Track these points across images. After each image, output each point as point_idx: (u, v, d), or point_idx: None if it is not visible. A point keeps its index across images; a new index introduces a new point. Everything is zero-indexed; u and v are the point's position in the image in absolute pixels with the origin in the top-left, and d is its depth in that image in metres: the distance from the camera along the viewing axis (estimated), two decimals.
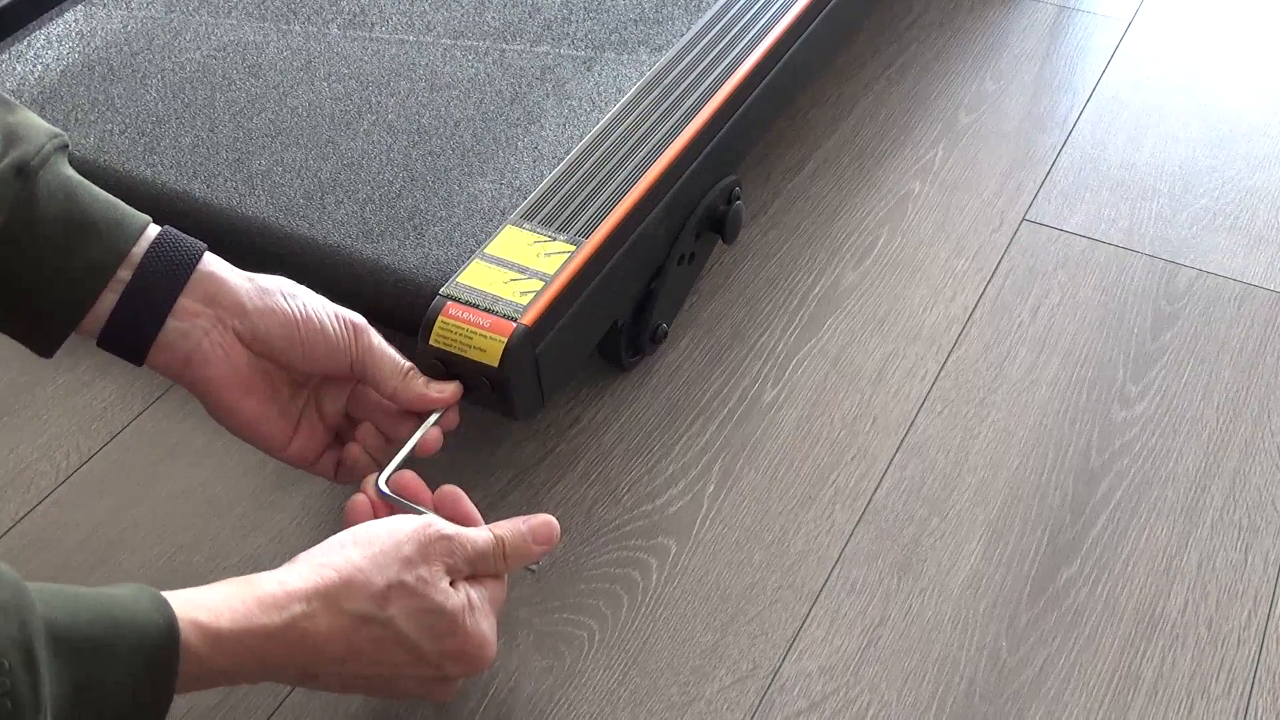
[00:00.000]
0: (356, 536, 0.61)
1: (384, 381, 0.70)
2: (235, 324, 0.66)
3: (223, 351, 0.65)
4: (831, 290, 0.98)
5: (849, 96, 1.18)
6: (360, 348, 0.69)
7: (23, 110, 0.64)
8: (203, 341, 0.65)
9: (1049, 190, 1.07)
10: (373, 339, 0.70)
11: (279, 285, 0.68)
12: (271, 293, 0.67)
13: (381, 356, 0.70)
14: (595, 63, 0.94)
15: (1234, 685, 0.73)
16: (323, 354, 0.68)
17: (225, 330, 0.65)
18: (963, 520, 0.82)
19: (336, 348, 0.68)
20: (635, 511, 0.83)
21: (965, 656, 0.75)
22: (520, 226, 0.79)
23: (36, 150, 0.62)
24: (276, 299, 0.67)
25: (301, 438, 0.71)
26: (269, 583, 0.58)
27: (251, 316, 0.66)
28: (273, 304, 0.66)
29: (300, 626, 0.57)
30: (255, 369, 0.68)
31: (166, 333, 0.64)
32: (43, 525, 0.84)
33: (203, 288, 0.65)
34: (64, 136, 0.64)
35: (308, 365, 0.68)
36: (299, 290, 0.68)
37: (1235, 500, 0.82)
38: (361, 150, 0.87)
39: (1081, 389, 0.90)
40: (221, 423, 0.69)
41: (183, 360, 0.65)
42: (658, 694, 0.74)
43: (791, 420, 0.89)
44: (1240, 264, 0.99)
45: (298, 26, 0.99)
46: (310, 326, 0.67)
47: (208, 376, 0.66)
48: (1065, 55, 1.22)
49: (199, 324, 0.65)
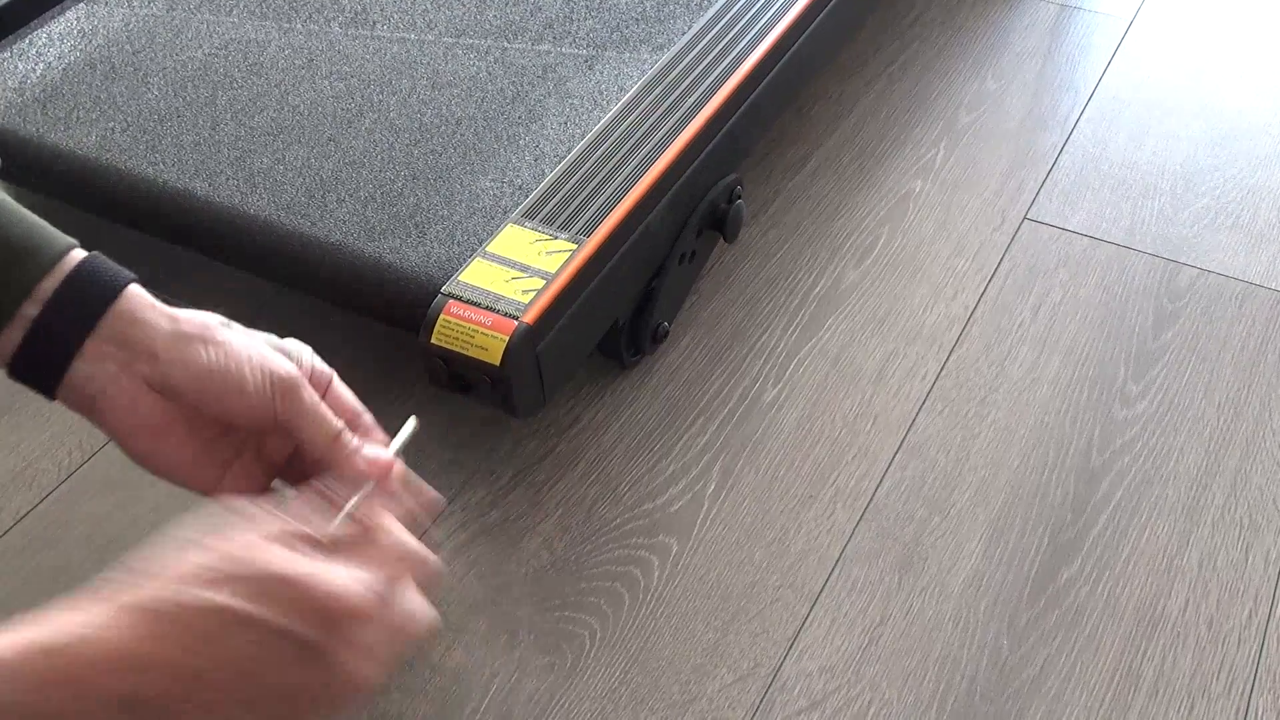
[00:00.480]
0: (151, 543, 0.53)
1: (310, 446, 0.63)
2: (144, 369, 0.61)
3: (129, 399, 0.61)
4: (832, 289, 0.98)
5: (850, 94, 1.18)
6: (285, 407, 0.63)
7: None
8: (108, 387, 0.61)
9: (1050, 189, 1.07)
10: (301, 397, 0.63)
11: (203, 330, 0.62)
12: (190, 339, 0.62)
13: (311, 418, 0.63)
14: (597, 61, 0.94)
15: (1234, 684, 0.73)
16: (240, 411, 0.62)
17: (133, 376, 0.61)
18: (963, 519, 0.82)
19: (255, 406, 0.62)
20: (636, 510, 0.83)
21: (966, 655, 0.75)
22: (522, 225, 0.79)
23: None
24: (194, 346, 0.61)
25: (234, 480, 0.66)
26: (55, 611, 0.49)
27: (162, 364, 0.61)
28: (186, 353, 0.61)
29: (93, 641, 0.47)
30: (169, 413, 0.62)
31: (73, 374, 0.60)
32: (45, 523, 0.84)
33: (115, 328, 0.61)
34: None
35: (225, 418, 0.63)
36: (227, 337, 0.63)
37: (1236, 499, 0.82)
38: (363, 148, 0.87)
39: (1082, 388, 0.90)
40: (138, 464, 0.64)
41: (88, 403, 0.61)
42: (659, 692, 0.74)
43: (792, 420, 0.89)
44: (1241, 263, 0.99)
45: (299, 25, 0.99)
46: (226, 381, 0.61)
47: (114, 422, 0.61)
48: (1067, 54, 1.22)
49: (106, 368, 0.60)
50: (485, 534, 0.82)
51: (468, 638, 0.76)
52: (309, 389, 0.64)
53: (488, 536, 0.82)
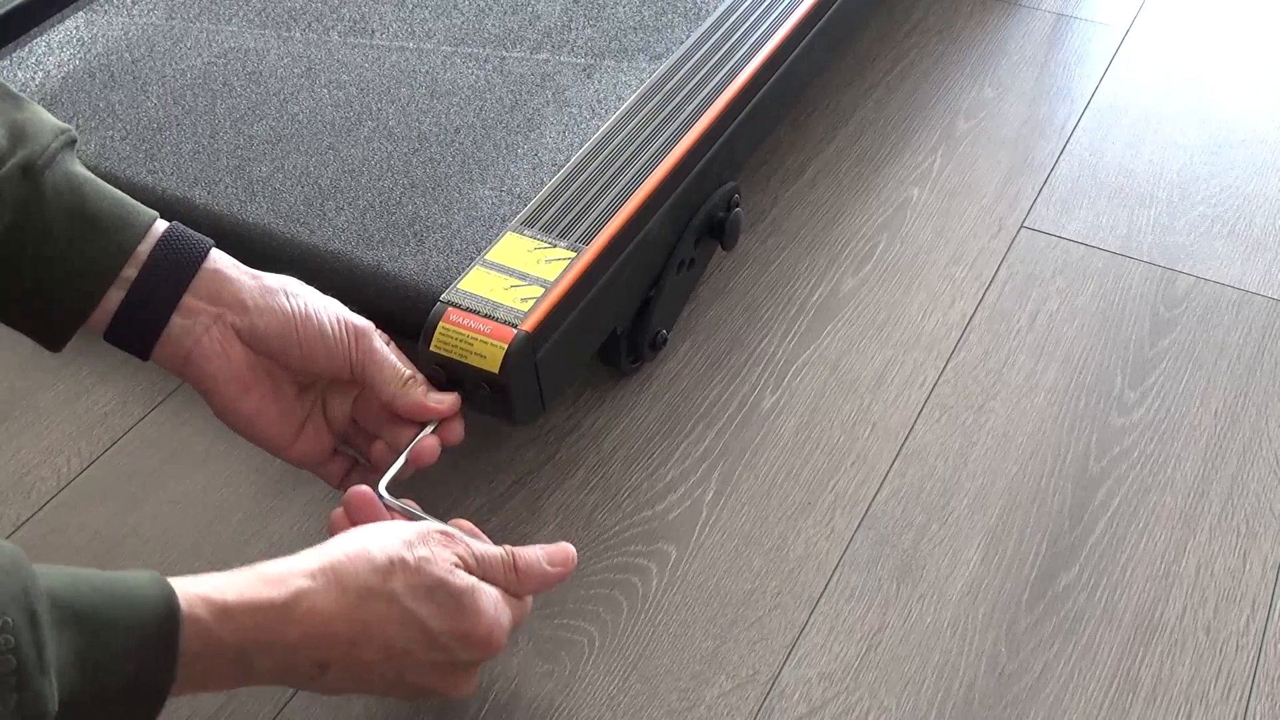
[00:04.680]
0: (359, 529, 0.63)
1: (382, 387, 0.70)
2: (235, 320, 0.66)
3: (221, 348, 0.66)
4: (830, 297, 0.99)
5: (848, 103, 1.18)
6: (360, 352, 0.69)
7: (31, 106, 0.65)
8: (203, 338, 0.66)
9: (1047, 197, 1.07)
10: (374, 344, 0.70)
11: (283, 284, 0.68)
12: (274, 291, 0.67)
13: (382, 363, 0.70)
14: (595, 70, 0.94)
15: (1232, 691, 0.73)
16: (321, 355, 0.68)
17: (225, 327, 0.66)
18: (962, 526, 0.82)
19: (335, 350, 0.68)
20: (635, 517, 0.83)
21: (965, 662, 0.75)
22: (520, 233, 0.80)
23: (43, 149, 0.62)
24: (278, 298, 0.67)
25: (307, 439, 0.72)
26: (273, 564, 0.59)
27: (251, 314, 0.66)
28: (273, 302, 0.67)
29: (305, 603, 0.57)
30: (256, 367, 0.68)
31: (169, 330, 0.65)
32: (44, 531, 0.84)
33: (206, 285, 0.66)
34: (71, 131, 0.65)
35: (306, 365, 0.69)
36: (304, 290, 0.69)
37: (1233, 506, 0.83)
38: (362, 157, 0.87)
39: (1080, 395, 0.90)
40: (224, 420, 0.70)
41: (183, 357, 0.66)
42: (658, 700, 0.74)
43: (791, 427, 0.89)
44: (1238, 271, 1.00)
45: (298, 33, 0.99)
46: (309, 327, 0.67)
47: (208, 373, 0.66)
48: (1063, 62, 1.23)
49: (200, 320, 0.66)
50: None
51: None
52: (380, 336, 0.71)
53: None
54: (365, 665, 0.60)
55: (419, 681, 0.62)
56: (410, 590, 0.59)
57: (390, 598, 0.59)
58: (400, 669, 0.61)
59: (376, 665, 0.60)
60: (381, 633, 0.59)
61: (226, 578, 0.57)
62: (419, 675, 0.62)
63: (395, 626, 0.59)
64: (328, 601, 0.57)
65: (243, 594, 0.56)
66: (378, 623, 0.59)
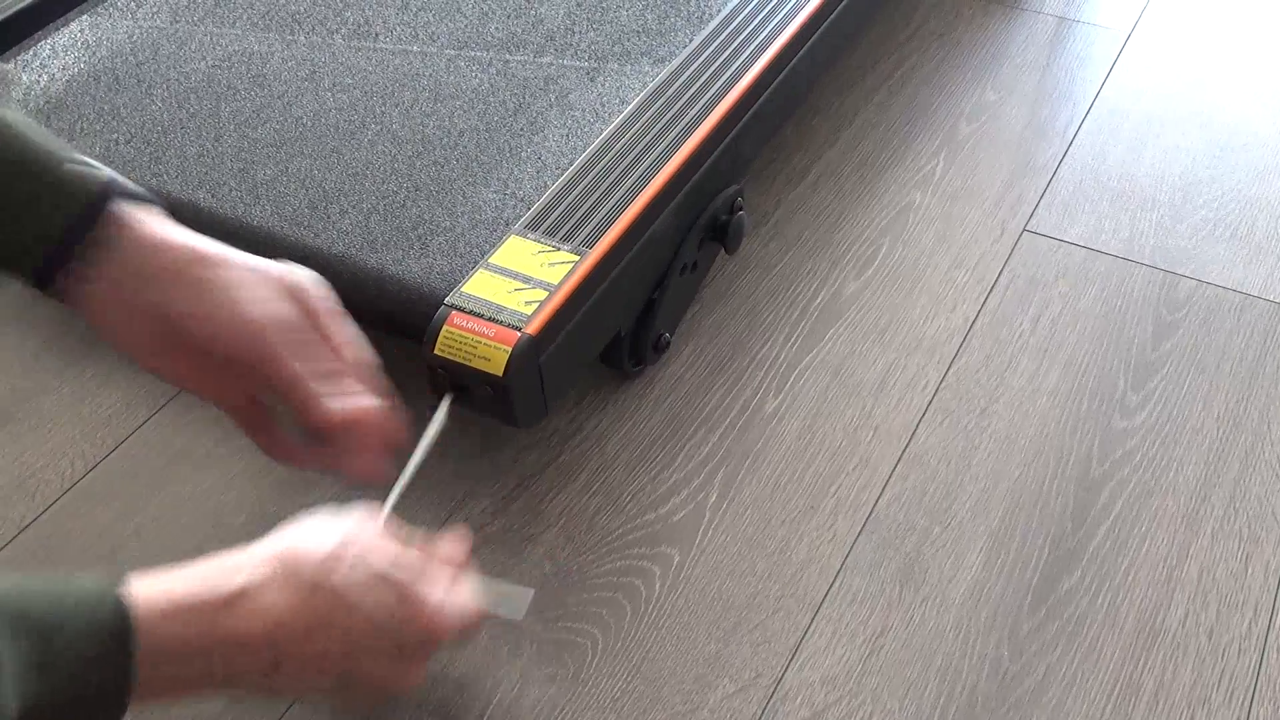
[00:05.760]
0: (304, 523, 0.64)
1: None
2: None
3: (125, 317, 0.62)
4: (833, 301, 0.99)
5: (850, 106, 1.18)
6: (260, 381, 0.64)
7: None
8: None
9: (1049, 201, 1.07)
10: (281, 370, 0.64)
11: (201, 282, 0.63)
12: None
13: (290, 389, 0.65)
14: (598, 74, 0.94)
15: (1234, 695, 0.73)
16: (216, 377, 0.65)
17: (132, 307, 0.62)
18: (964, 530, 0.82)
19: (229, 377, 0.64)
20: (638, 520, 0.84)
21: (967, 666, 0.75)
22: (524, 236, 0.80)
23: None
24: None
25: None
26: (221, 560, 0.60)
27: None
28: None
29: (254, 596, 0.58)
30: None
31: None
32: (48, 532, 0.85)
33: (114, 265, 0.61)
34: None
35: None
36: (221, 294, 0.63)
37: (1236, 510, 0.83)
38: (366, 160, 0.87)
39: (1082, 399, 0.90)
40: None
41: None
42: (661, 702, 0.74)
43: (793, 430, 0.89)
44: (1240, 275, 1.00)
45: (302, 37, 0.99)
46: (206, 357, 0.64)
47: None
48: (1065, 66, 1.23)
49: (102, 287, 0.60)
50: (487, 544, 0.83)
51: (470, 648, 0.77)
52: (304, 332, 0.65)
53: (490, 547, 0.82)
54: (316, 658, 0.60)
55: (370, 672, 0.63)
56: (350, 583, 0.61)
57: (333, 591, 0.60)
58: (351, 661, 0.62)
59: (328, 657, 0.61)
60: (328, 621, 0.60)
61: (178, 570, 0.58)
62: (369, 665, 0.62)
63: (340, 616, 0.60)
64: (276, 596, 0.58)
65: (190, 584, 0.57)
66: (327, 611, 0.60)
